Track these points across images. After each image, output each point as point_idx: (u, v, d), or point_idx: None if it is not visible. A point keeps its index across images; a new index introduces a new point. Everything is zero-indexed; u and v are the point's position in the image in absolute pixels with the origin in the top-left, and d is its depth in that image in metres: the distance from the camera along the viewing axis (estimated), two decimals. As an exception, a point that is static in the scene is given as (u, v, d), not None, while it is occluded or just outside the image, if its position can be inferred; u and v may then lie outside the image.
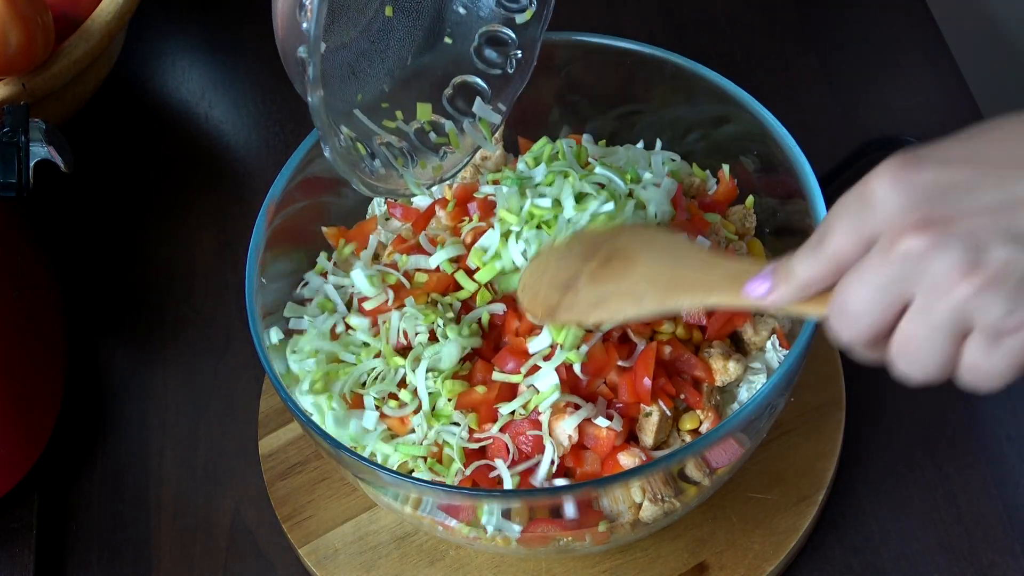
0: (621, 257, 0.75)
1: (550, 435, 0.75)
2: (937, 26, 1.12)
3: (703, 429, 0.78)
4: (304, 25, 0.70)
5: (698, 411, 0.78)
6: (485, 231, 0.83)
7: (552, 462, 0.75)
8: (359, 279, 0.83)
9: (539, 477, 0.75)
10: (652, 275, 0.72)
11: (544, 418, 0.75)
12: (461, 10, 0.84)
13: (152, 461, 0.95)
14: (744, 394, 0.80)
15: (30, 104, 0.91)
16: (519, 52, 0.85)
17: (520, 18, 0.84)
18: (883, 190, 0.58)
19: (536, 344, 0.78)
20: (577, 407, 0.76)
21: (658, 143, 0.92)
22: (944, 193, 0.57)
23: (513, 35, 0.85)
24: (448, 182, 0.88)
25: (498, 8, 0.84)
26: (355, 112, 0.81)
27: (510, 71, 0.86)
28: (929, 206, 0.57)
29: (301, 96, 0.73)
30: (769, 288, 0.64)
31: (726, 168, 0.89)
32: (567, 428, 0.75)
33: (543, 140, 0.88)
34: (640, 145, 0.92)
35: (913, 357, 0.59)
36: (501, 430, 0.76)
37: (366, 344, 0.81)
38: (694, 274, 0.70)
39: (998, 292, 0.55)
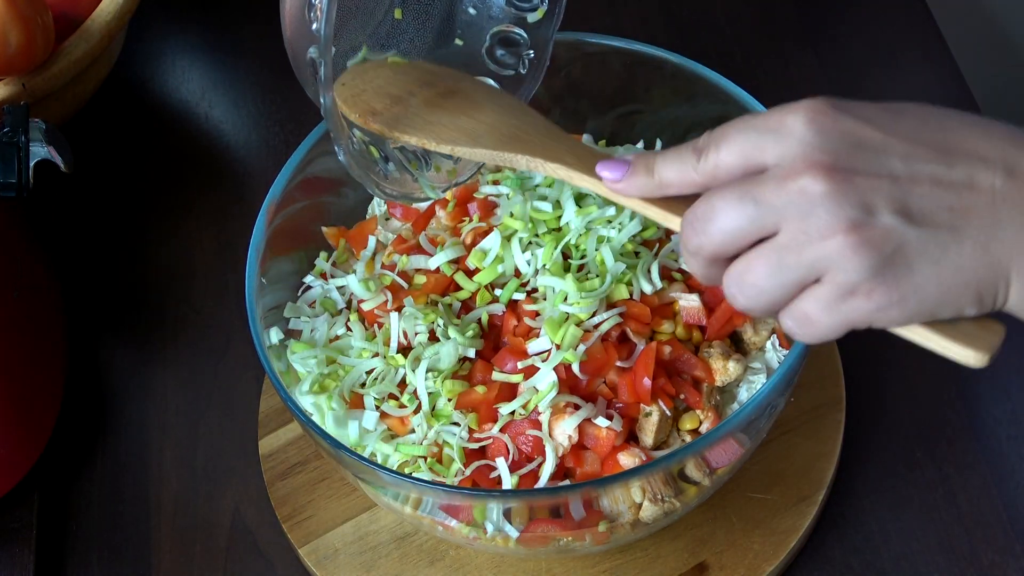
0: (465, 97, 0.72)
1: (550, 436, 0.75)
2: (937, 26, 1.12)
3: (703, 429, 0.78)
4: (314, 25, 0.70)
5: (698, 411, 0.78)
6: (485, 231, 0.83)
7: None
8: (354, 285, 0.83)
9: (541, 483, 0.75)
10: (494, 124, 0.70)
11: (544, 418, 0.75)
12: (471, 11, 0.84)
13: (152, 461, 0.95)
14: (744, 394, 0.80)
15: (30, 104, 0.91)
16: (531, 52, 0.85)
17: (531, 17, 0.84)
18: (800, 125, 0.58)
19: (535, 346, 0.78)
20: (577, 407, 0.76)
21: (658, 143, 0.92)
22: (856, 147, 0.57)
23: (525, 35, 0.84)
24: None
25: (509, 8, 0.84)
26: None
27: (523, 71, 0.85)
28: (839, 154, 0.57)
29: (312, 99, 0.72)
30: (623, 175, 0.63)
31: (726, 168, 0.88)
32: (567, 428, 0.75)
33: None
34: (640, 145, 0.92)
35: (751, 286, 0.59)
36: (501, 430, 0.76)
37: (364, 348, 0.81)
38: (541, 139, 0.68)
39: (868, 256, 0.56)
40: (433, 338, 0.79)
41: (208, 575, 0.90)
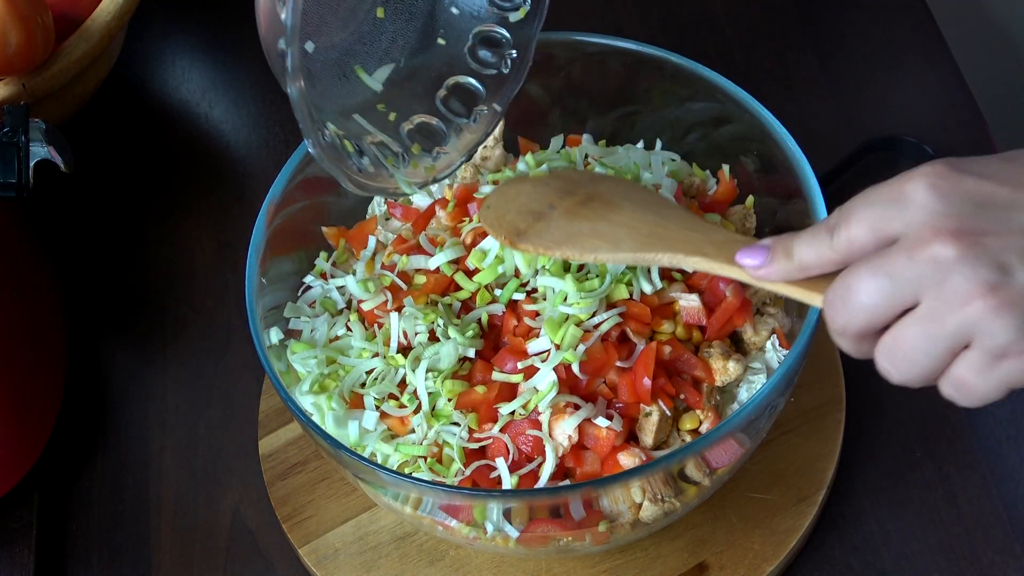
0: (602, 200, 0.73)
1: (550, 436, 0.75)
2: (937, 26, 1.12)
3: (703, 429, 0.78)
4: (282, 16, 0.70)
5: (698, 411, 0.78)
6: (485, 232, 0.83)
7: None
8: (353, 286, 0.83)
9: (541, 483, 0.75)
10: (632, 224, 0.71)
11: (544, 418, 0.75)
12: (454, 10, 0.83)
13: (152, 461, 0.95)
14: (744, 394, 0.80)
15: (30, 104, 0.91)
16: (514, 52, 0.84)
17: (514, 17, 0.84)
18: (921, 192, 0.57)
19: (535, 346, 0.78)
20: (577, 407, 0.76)
21: (658, 143, 0.92)
22: (981, 207, 0.57)
23: (507, 35, 0.84)
24: (448, 182, 0.88)
25: (491, 7, 0.84)
26: (352, 115, 0.81)
27: (505, 71, 0.85)
28: (965, 217, 0.56)
29: (286, 92, 0.72)
30: (764, 261, 0.63)
31: (726, 168, 0.89)
32: (567, 428, 0.75)
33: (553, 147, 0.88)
34: (640, 145, 0.92)
35: (902, 360, 0.59)
36: (501, 430, 0.76)
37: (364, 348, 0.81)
38: (678, 232, 0.69)
39: (1012, 316, 0.55)
40: (433, 338, 0.79)
41: (208, 575, 0.90)
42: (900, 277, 0.57)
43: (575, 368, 0.76)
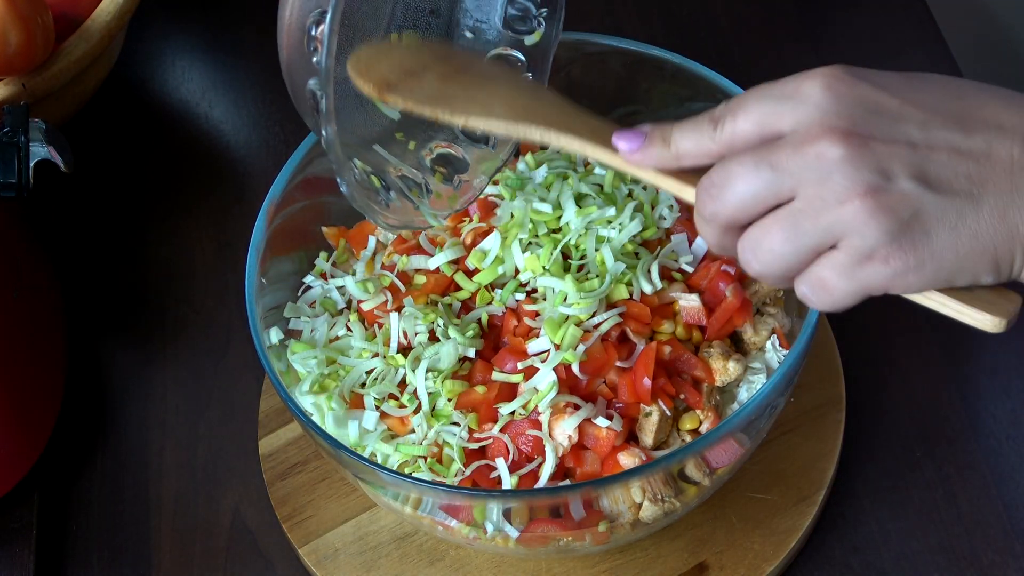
0: (480, 73, 0.73)
1: (550, 436, 0.75)
2: (937, 26, 1.12)
3: (703, 429, 0.78)
4: (315, 58, 0.69)
5: (698, 411, 0.78)
6: (485, 232, 0.83)
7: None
8: (352, 286, 0.83)
9: (540, 483, 0.75)
10: (507, 97, 0.70)
11: (544, 418, 0.75)
12: (468, 34, 0.83)
13: (152, 461, 0.95)
14: (744, 394, 0.80)
15: (30, 104, 0.91)
16: (529, 75, 0.84)
17: (528, 40, 0.83)
18: (816, 91, 0.58)
19: (535, 346, 0.78)
20: (577, 407, 0.76)
21: (658, 143, 0.91)
22: (872, 113, 0.58)
23: (523, 57, 0.84)
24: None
25: (506, 30, 0.83)
26: (372, 145, 0.80)
27: None
28: (856, 120, 0.57)
29: (312, 129, 0.72)
30: (639, 146, 0.63)
31: (726, 168, 0.88)
32: (567, 428, 0.75)
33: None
34: (640, 145, 0.92)
35: (767, 252, 0.59)
36: (501, 430, 0.76)
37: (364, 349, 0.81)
38: (553, 112, 0.68)
39: (885, 221, 0.56)
40: (433, 338, 0.79)
41: (208, 575, 0.90)
42: (783, 170, 0.58)
43: (575, 368, 0.76)
